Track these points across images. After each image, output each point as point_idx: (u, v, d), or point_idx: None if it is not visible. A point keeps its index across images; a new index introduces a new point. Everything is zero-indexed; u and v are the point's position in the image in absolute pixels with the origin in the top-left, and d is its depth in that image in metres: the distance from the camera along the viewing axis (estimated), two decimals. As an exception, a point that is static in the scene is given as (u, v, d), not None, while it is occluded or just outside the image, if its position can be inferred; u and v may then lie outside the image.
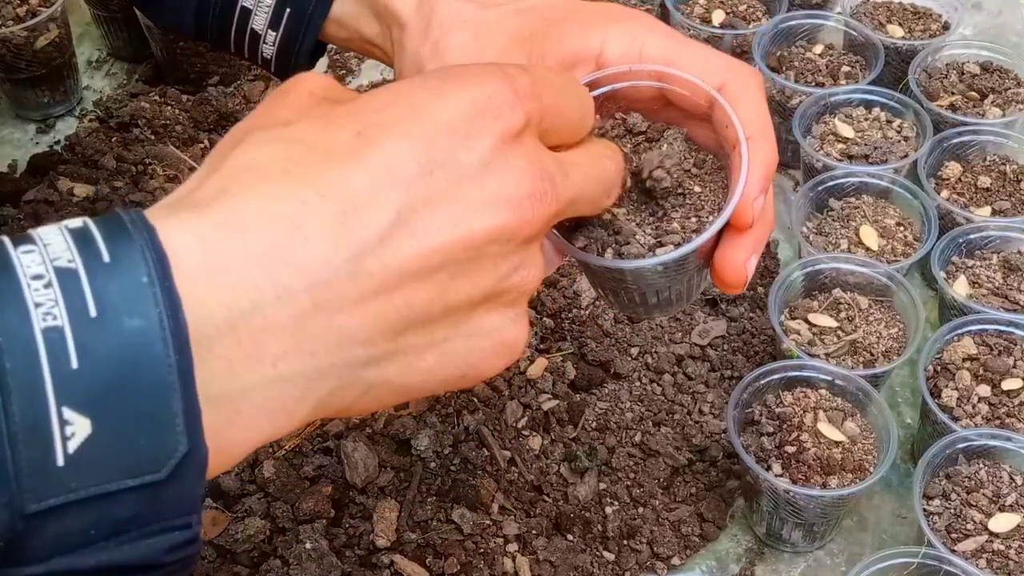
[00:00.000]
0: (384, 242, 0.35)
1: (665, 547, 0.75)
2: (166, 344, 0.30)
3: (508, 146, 0.37)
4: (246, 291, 0.33)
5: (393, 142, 0.36)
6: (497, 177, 0.37)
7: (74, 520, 0.30)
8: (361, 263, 0.34)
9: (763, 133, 0.49)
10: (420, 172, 0.36)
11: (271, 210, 0.34)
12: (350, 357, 0.35)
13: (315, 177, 0.35)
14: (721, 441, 0.81)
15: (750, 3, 1.12)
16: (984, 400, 0.79)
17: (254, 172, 0.35)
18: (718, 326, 0.88)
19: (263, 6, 0.60)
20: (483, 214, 0.37)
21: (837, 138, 0.99)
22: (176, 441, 0.31)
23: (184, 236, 0.32)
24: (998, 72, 1.05)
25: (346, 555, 0.72)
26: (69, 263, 0.31)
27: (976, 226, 0.91)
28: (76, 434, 0.30)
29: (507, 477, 0.78)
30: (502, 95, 0.38)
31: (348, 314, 0.35)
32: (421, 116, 0.37)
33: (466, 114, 0.37)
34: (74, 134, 1.07)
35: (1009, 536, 0.71)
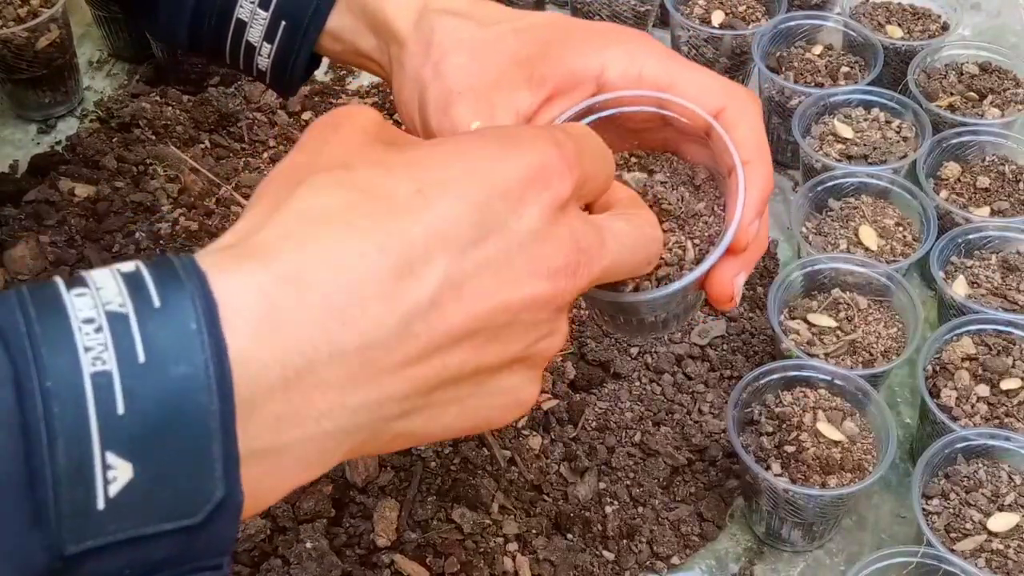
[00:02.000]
0: (432, 306, 0.35)
1: (665, 546, 0.76)
2: (210, 392, 0.31)
3: (555, 215, 0.39)
4: (302, 349, 0.33)
5: (451, 204, 0.36)
6: (541, 247, 0.38)
7: (110, 561, 0.31)
8: (411, 325, 0.35)
9: (760, 157, 0.49)
10: (473, 237, 0.36)
11: (332, 264, 0.34)
12: (387, 413, 0.36)
13: (375, 230, 0.35)
14: (721, 441, 0.81)
15: (749, 3, 1.12)
16: (983, 400, 0.79)
17: (317, 220, 0.35)
18: (718, 326, 0.88)
19: (258, 19, 0.60)
20: (525, 283, 0.38)
21: (836, 138, 0.99)
22: (214, 487, 0.31)
23: (245, 288, 0.33)
24: (997, 72, 1.06)
25: (346, 554, 0.72)
26: (120, 307, 0.31)
27: (975, 226, 0.91)
28: (118, 478, 0.30)
29: (507, 477, 0.78)
30: (553, 164, 0.39)
31: (392, 374, 0.35)
32: (479, 179, 0.37)
33: (521, 181, 0.38)
34: (75, 134, 1.07)
35: (1008, 535, 0.71)
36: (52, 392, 0.29)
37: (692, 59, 1.09)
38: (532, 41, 0.53)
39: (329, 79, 1.16)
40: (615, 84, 0.51)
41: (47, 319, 0.30)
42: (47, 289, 0.31)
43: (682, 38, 1.10)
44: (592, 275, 0.40)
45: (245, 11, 0.60)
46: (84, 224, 0.95)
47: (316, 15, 0.59)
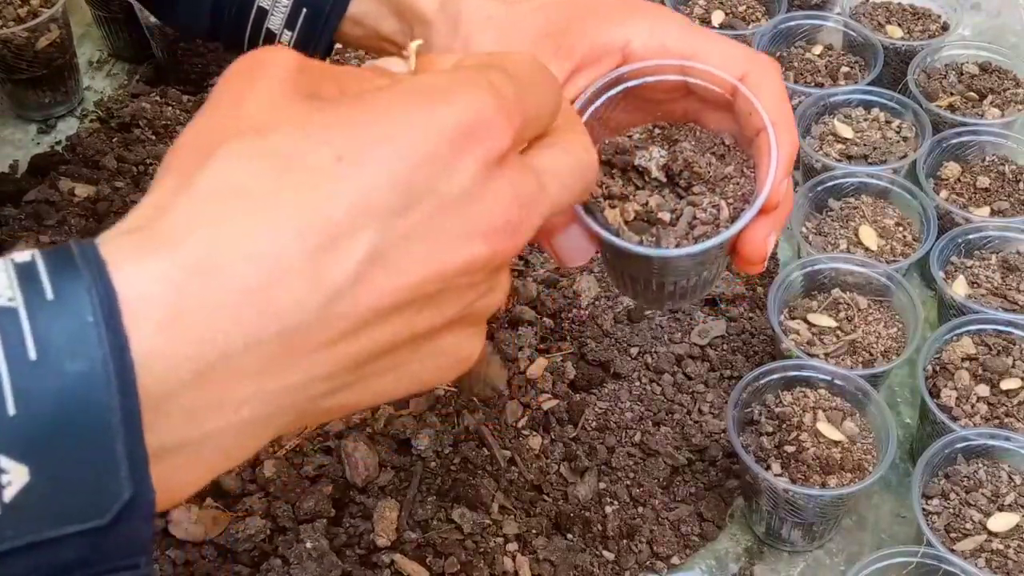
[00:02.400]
0: (357, 282, 0.33)
1: (665, 546, 0.76)
2: (110, 389, 0.29)
3: (490, 171, 0.36)
4: (214, 340, 0.31)
5: (374, 172, 0.34)
6: (475, 208, 0.35)
7: (12, 566, 0.29)
8: (334, 305, 0.33)
9: (785, 120, 0.50)
10: (399, 205, 0.34)
11: (245, 247, 0.32)
12: (313, 393, 0.34)
13: (291, 206, 0.33)
14: (721, 441, 0.81)
15: (749, 4, 1.12)
16: (983, 400, 0.79)
17: (227, 198, 0.33)
18: (718, 326, 0.88)
19: (280, 6, 0.60)
20: (458, 247, 0.35)
21: (836, 138, 0.99)
22: (120, 487, 0.30)
23: (150, 277, 0.31)
24: (997, 72, 1.06)
25: (346, 554, 0.72)
26: (10, 301, 0.29)
27: (975, 226, 0.91)
28: (13, 483, 0.28)
29: (507, 477, 0.78)
30: (488, 117, 0.36)
31: (315, 355, 0.33)
32: (404, 141, 0.34)
33: (450, 139, 0.35)
34: (75, 134, 1.07)
35: (1008, 535, 0.71)
36: None
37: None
38: (557, 16, 0.54)
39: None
40: (639, 55, 0.52)
41: None
42: None
43: (682, 38, 1.10)
44: (533, 227, 0.38)
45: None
46: (84, 224, 0.95)
47: (338, 1, 0.59)
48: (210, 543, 0.72)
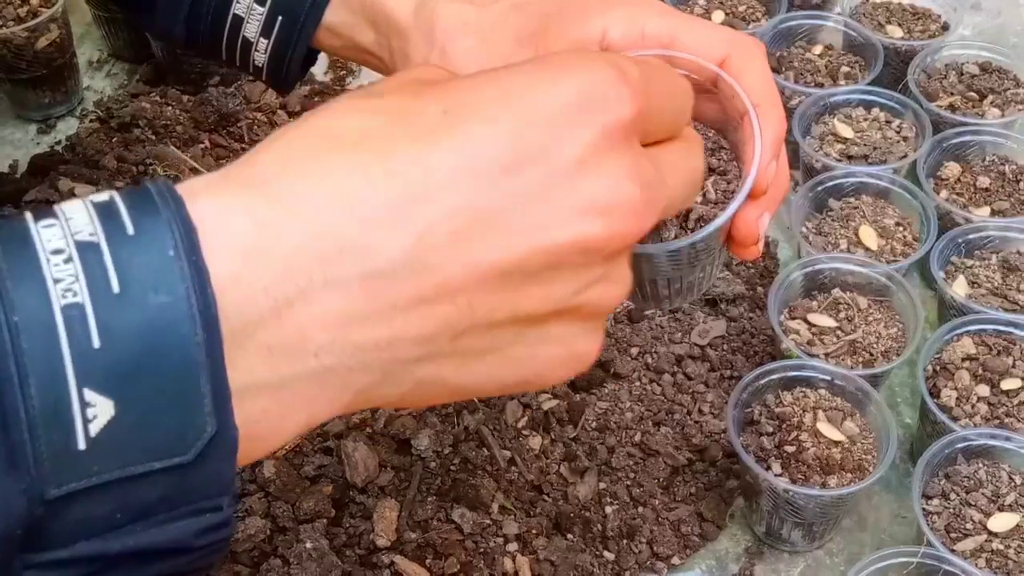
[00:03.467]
0: (454, 237, 0.32)
1: (665, 546, 0.76)
2: (193, 321, 0.29)
3: (610, 144, 0.34)
4: (294, 276, 0.31)
5: (482, 126, 0.33)
6: (592, 180, 0.33)
7: (98, 504, 0.29)
8: (425, 257, 0.32)
9: (770, 100, 0.49)
10: (506, 163, 0.32)
11: (331, 186, 0.31)
12: (401, 354, 0.33)
13: (387, 152, 0.32)
14: (721, 441, 0.81)
15: (750, 3, 1.12)
16: (983, 400, 0.79)
17: (322, 140, 0.32)
18: (718, 326, 0.88)
19: (255, 14, 0.59)
20: (571, 220, 0.33)
21: (836, 138, 0.99)
22: (204, 422, 0.29)
23: (228, 210, 0.31)
24: (997, 72, 1.05)
25: (346, 555, 0.72)
26: (91, 236, 0.29)
27: (975, 226, 0.91)
28: (98, 417, 0.28)
29: (507, 477, 0.78)
30: (612, 85, 0.34)
31: (403, 311, 0.32)
32: (516, 100, 0.33)
33: (568, 103, 0.33)
34: (75, 134, 1.07)
35: (1008, 536, 0.71)
36: (20, 327, 0.28)
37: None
38: (533, 16, 0.53)
39: (329, 79, 1.16)
40: (618, 46, 0.51)
41: (12, 252, 0.29)
42: (15, 223, 0.30)
43: (682, 38, 1.10)
44: (656, 214, 0.35)
45: (242, 6, 0.59)
46: (84, 224, 0.95)
47: (313, 9, 0.59)
48: (210, 543, 0.72)
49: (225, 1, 0.60)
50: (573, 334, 0.36)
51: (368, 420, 0.80)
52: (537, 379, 0.37)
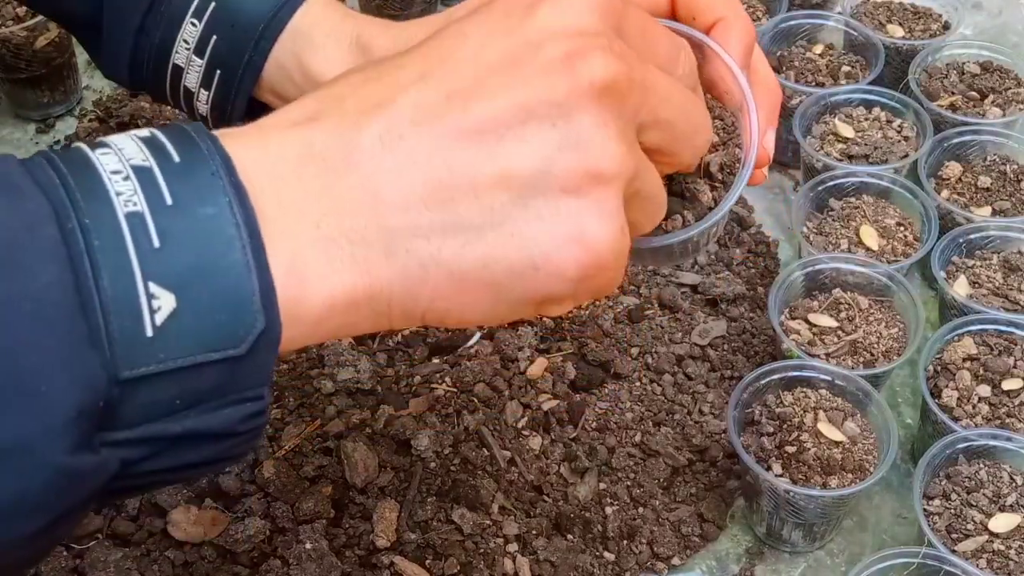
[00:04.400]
0: (420, 108, 0.35)
1: (665, 547, 0.75)
2: (238, 228, 0.33)
3: (572, 11, 0.37)
4: (286, 156, 0.35)
5: (453, 27, 0.37)
6: (551, 40, 0.36)
7: (162, 389, 0.32)
8: (393, 126, 0.35)
9: (733, 11, 0.48)
10: (471, 44, 0.36)
11: (322, 96, 0.37)
12: (391, 223, 0.35)
13: (374, 67, 0.37)
14: (721, 441, 0.81)
15: (750, 3, 1.12)
16: (984, 400, 0.79)
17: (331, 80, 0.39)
18: (718, 326, 0.88)
19: (194, 66, 0.59)
20: (532, 75, 0.35)
21: (837, 138, 0.99)
22: (254, 318, 0.33)
23: (242, 129, 0.36)
24: (998, 72, 1.05)
25: (346, 555, 0.72)
26: (144, 162, 0.33)
27: (976, 226, 0.91)
28: (162, 308, 0.32)
29: (507, 477, 0.78)
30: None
31: (383, 177, 0.35)
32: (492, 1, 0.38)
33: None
34: (74, 134, 1.07)
35: (1009, 536, 0.71)
36: (91, 228, 0.31)
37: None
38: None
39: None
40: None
41: (78, 171, 0.33)
42: (73, 152, 0.34)
43: (682, 37, 1.10)
44: (626, 72, 0.36)
45: (181, 57, 0.59)
46: (83, 224, 0.95)
47: (249, 66, 0.58)
48: (209, 544, 0.72)
49: (164, 51, 0.59)
50: (577, 209, 0.36)
51: (368, 420, 0.80)
52: (547, 262, 0.36)
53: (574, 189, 0.36)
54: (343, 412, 0.80)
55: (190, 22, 0.58)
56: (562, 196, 0.36)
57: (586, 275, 0.36)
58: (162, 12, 0.58)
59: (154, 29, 0.58)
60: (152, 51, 0.59)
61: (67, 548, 0.72)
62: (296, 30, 0.58)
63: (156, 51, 0.59)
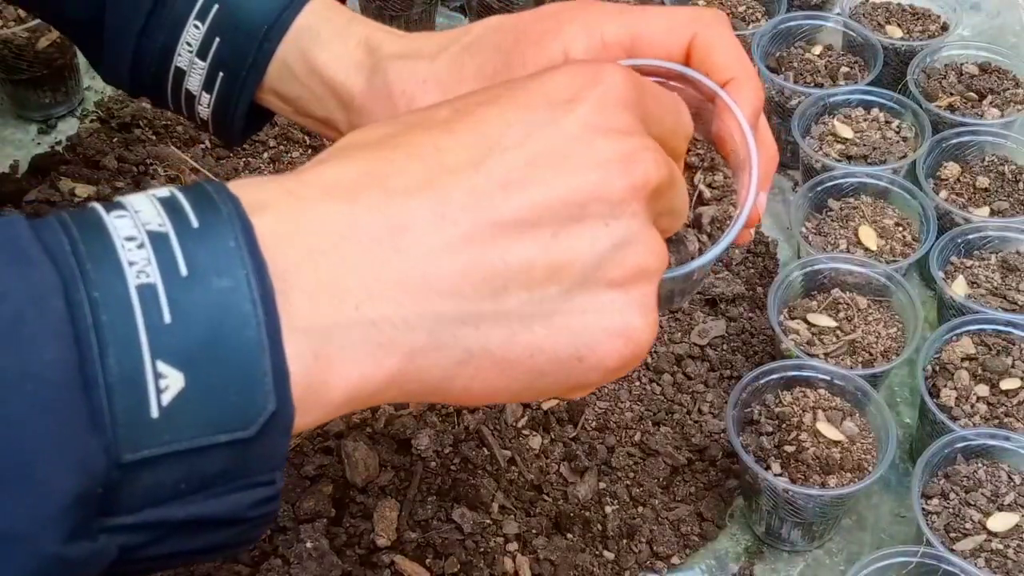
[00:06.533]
0: (474, 194, 0.35)
1: (665, 546, 0.76)
2: (254, 304, 0.31)
3: (610, 109, 0.37)
4: (326, 232, 0.34)
5: (488, 110, 0.37)
6: (600, 137, 0.36)
7: (166, 472, 0.31)
8: (446, 211, 0.35)
9: (745, 72, 0.49)
10: (516, 134, 0.36)
11: (357, 169, 0.35)
12: (439, 309, 0.35)
13: (405, 142, 0.36)
14: (720, 441, 0.81)
15: (749, 4, 1.12)
16: (983, 400, 0.79)
17: (352, 146, 0.37)
18: (717, 326, 0.88)
19: (196, 68, 0.58)
20: (586, 171, 0.36)
21: (836, 138, 0.99)
22: (265, 399, 0.32)
23: (270, 192, 0.34)
24: (996, 73, 1.06)
25: (346, 554, 0.72)
26: (160, 227, 0.32)
27: (975, 226, 0.91)
28: (170, 387, 0.30)
29: (507, 477, 0.78)
30: (600, 68, 0.38)
31: (434, 262, 0.34)
32: (520, 89, 0.37)
33: (564, 84, 0.37)
34: (75, 135, 1.07)
35: (1008, 535, 0.71)
36: (100, 302, 0.30)
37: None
38: (489, 54, 0.52)
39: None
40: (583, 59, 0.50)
41: (90, 238, 0.31)
42: (87, 213, 0.32)
43: (682, 38, 1.10)
44: (664, 172, 0.38)
45: (184, 60, 0.58)
46: (84, 224, 0.95)
47: (253, 68, 0.57)
48: (210, 543, 0.72)
49: (167, 54, 0.58)
50: (624, 305, 0.37)
51: (368, 420, 0.80)
52: (592, 354, 0.37)
53: (620, 284, 0.37)
54: (344, 412, 0.80)
55: (193, 24, 0.57)
56: (607, 290, 0.37)
57: (625, 365, 0.38)
58: (165, 14, 0.57)
59: (156, 31, 0.58)
60: (154, 54, 0.59)
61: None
62: (302, 28, 0.57)
63: (158, 54, 0.59)
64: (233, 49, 0.57)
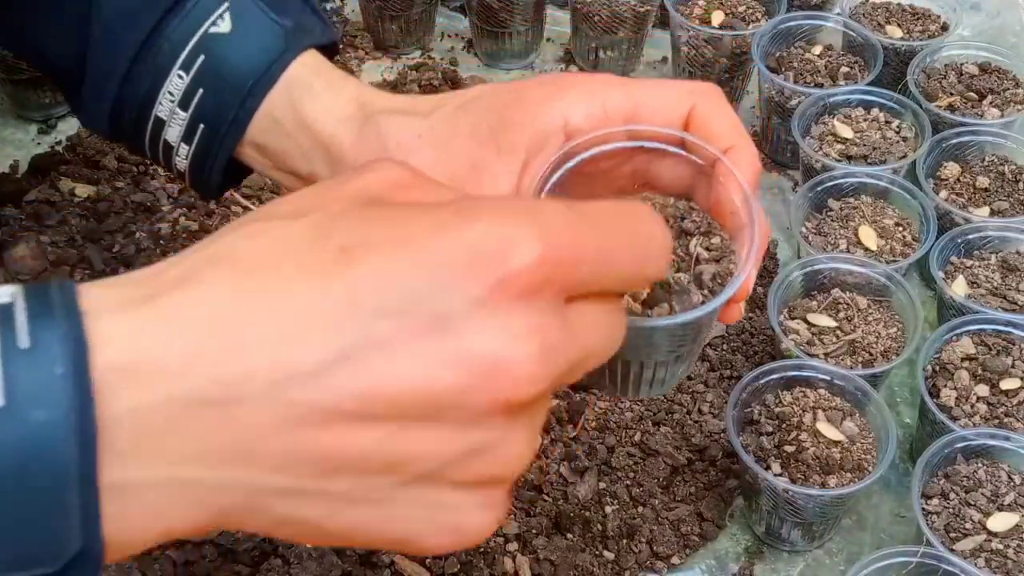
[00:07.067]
0: (318, 374, 0.31)
1: (665, 546, 0.76)
2: (70, 441, 0.30)
3: (506, 299, 0.32)
4: (157, 387, 0.31)
5: (369, 270, 0.32)
6: (477, 335, 0.32)
7: None
8: (285, 390, 0.31)
9: (742, 140, 0.49)
10: (388, 309, 0.32)
11: (216, 311, 0.32)
12: (260, 482, 0.33)
13: (274, 288, 0.32)
14: (720, 440, 0.81)
15: (749, 4, 1.12)
16: (983, 400, 0.79)
17: (222, 265, 0.33)
18: (717, 326, 0.88)
19: (177, 119, 0.57)
20: (447, 371, 0.32)
21: (836, 138, 0.99)
22: (71, 537, 0.30)
23: (118, 326, 0.31)
24: (996, 73, 1.06)
25: (346, 554, 0.73)
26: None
27: (974, 226, 0.91)
28: None
29: (507, 476, 0.78)
30: (515, 240, 0.32)
31: (262, 438, 0.32)
32: (415, 247, 0.32)
33: (466, 254, 0.32)
34: (75, 134, 1.07)
35: (1008, 535, 0.71)
36: None
37: (692, 60, 1.10)
38: (486, 112, 0.51)
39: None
40: (582, 127, 0.49)
41: None
42: None
43: (682, 38, 1.10)
44: (553, 378, 0.33)
45: (164, 109, 0.57)
46: (85, 224, 0.95)
47: (235, 122, 0.56)
48: (210, 543, 0.72)
49: (148, 102, 0.57)
50: (463, 504, 0.35)
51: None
52: (411, 544, 0.35)
53: (465, 487, 0.35)
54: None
55: (177, 74, 0.55)
56: (450, 491, 0.34)
57: (454, 551, 0.37)
58: (149, 62, 0.56)
59: (139, 79, 0.56)
60: (135, 102, 0.57)
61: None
62: (293, 79, 0.56)
63: (139, 102, 0.57)
64: (216, 101, 0.56)
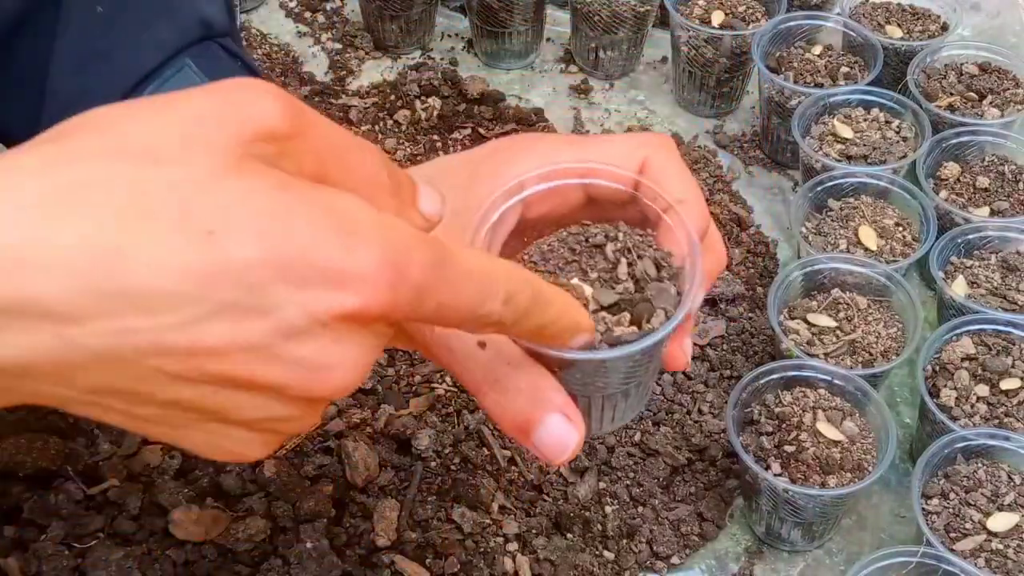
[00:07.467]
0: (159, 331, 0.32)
1: (665, 546, 0.76)
2: None
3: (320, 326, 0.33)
4: None
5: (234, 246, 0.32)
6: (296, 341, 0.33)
7: None
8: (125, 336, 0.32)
9: (693, 195, 0.50)
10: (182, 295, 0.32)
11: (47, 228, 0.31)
12: (67, 395, 0.33)
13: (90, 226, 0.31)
14: (720, 440, 0.81)
15: (749, 4, 1.12)
16: (982, 400, 0.79)
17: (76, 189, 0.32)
18: (717, 326, 0.88)
19: None
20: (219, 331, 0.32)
21: (836, 138, 0.99)
22: None
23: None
24: (996, 73, 1.06)
25: (347, 554, 0.72)
26: None
27: (974, 226, 0.91)
28: None
29: (507, 476, 0.78)
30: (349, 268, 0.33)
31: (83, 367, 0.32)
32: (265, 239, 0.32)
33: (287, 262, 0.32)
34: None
35: (1007, 535, 0.71)
36: None
37: (692, 59, 1.10)
38: (447, 192, 0.49)
39: (329, 79, 1.16)
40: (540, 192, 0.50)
41: None
42: None
43: (682, 38, 1.10)
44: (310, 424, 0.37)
45: None
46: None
47: None
48: (210, 543, 0.72)
49: None
50: (244, 440, 0.37)
51: (368, 420, 0.80)
52: (197, 454, 0.38)
53: (248, 427, 0.37)
54: (344, 411, 0.81)
55: None
56: (235, 428, 0.36)
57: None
58: None
59: None
60: None
61: (68, 547, 0.72)
62: None
63: None
64: None
